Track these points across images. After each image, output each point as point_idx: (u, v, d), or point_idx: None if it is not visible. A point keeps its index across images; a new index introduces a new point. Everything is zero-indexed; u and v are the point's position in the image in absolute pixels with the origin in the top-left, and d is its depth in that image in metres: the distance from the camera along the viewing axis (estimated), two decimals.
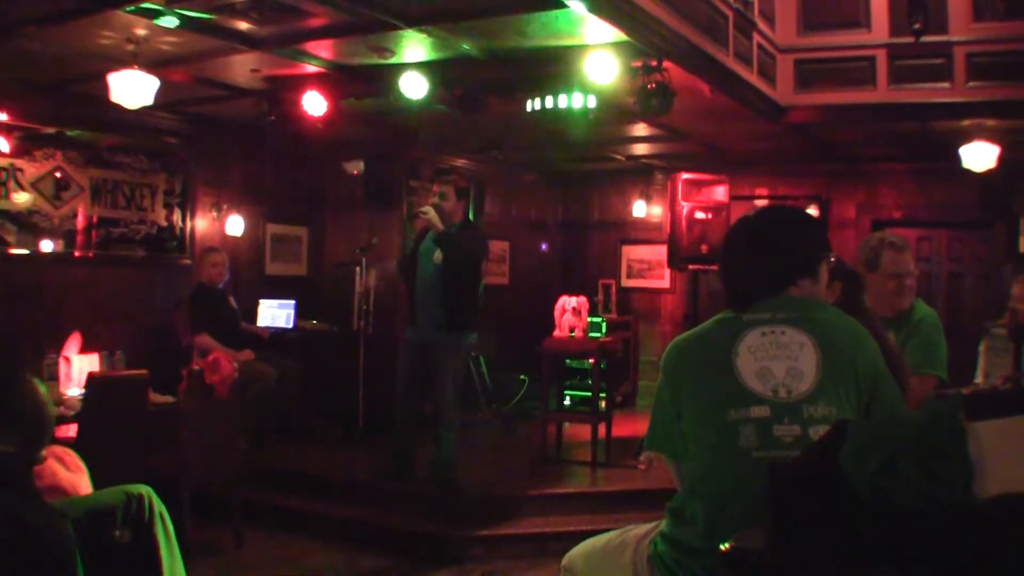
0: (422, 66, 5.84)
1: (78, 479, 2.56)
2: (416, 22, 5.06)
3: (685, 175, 7.50)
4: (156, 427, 5.40)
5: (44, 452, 2.33)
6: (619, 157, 9.74)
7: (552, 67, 5.65)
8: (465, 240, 5.87)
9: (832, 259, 2.46)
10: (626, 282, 10.77)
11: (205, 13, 4.96)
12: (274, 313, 7.90)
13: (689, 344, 2.30)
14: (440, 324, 5.83)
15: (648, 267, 10.62)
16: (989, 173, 7.58)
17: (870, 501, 1.53)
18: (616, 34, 4.99)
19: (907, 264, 3.71)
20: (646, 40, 5.07)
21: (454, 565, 5.35)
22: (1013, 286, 4.76)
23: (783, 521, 1.63)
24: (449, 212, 5.88)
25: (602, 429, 6.85)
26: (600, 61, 5.25)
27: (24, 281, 6.63)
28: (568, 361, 8.29)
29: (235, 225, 8.02)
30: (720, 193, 7.56)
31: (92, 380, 5.10)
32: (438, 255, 5.81)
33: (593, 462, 6.74)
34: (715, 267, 2.41)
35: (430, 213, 5.77)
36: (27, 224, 6.66)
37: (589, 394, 7.56)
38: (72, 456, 2.73)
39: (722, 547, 1.64)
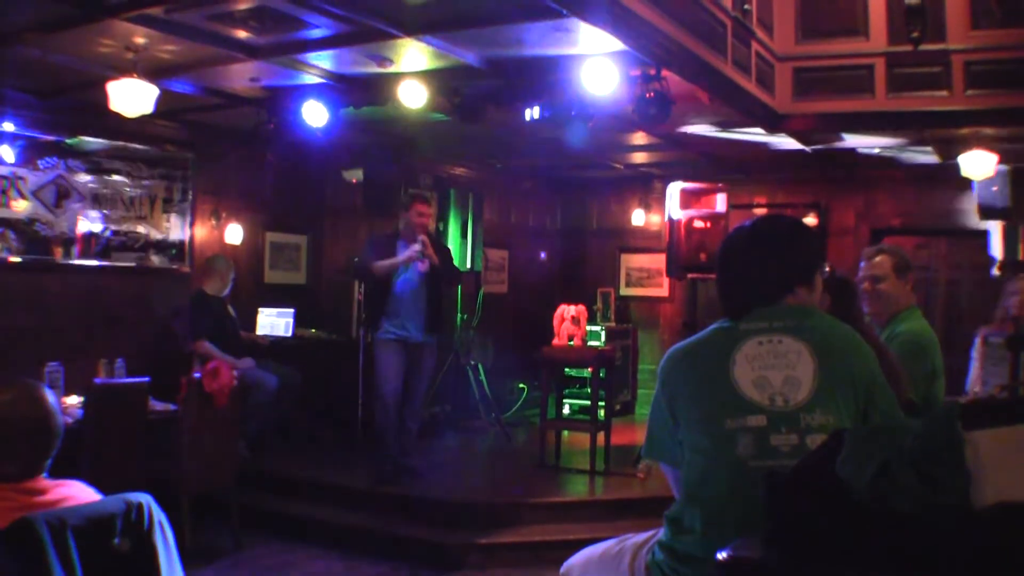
0: (421, 75, 5.86)
1: None
2: (415, 31, 5.08)
3: (683, 184, 7.49)
4: (156, 435, 5.41)
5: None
6: (618, 165, 9.75)
7: (551, 76, 5.67)
8: (449, 258, 6.71)
9: (826, 269, 2.47)
10: (625, 290, 10.77)
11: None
12: (273, 321, 7.89)
13: (686, 353, 2.30)
14: (428, 327, 6.39)
15: (647, 275, 10.62)
16: (987, 181, 7.59)
17: (868, 509, 1.54)
18: (614, 43, 5.00)
19: (872, 268, 3.82)
20: (644, 49, 5.08)
21: (453, 572, 5.36)
22: (1011, 294, 4.77)
23: (781, 529, 1.63)
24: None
25: (601, 437, 6.85)
26: (598, 70, 5.27)
27: (25, 289, 6.63)
28: (567, 369, 8.30)
29: (234, 233, 8.02)
30: (718, 202, 7.53)
31: (92, 388, 5.11)
32: (424, 267, 6.33)
33: (592, 470, 6.73)
34: (713, 276, 2.40)
35: (426, 247, 6.27)
36: (28, 232, 6.66)
37: (588, 402, 7.56)
38: None
39: (719, 556, 1.64)
